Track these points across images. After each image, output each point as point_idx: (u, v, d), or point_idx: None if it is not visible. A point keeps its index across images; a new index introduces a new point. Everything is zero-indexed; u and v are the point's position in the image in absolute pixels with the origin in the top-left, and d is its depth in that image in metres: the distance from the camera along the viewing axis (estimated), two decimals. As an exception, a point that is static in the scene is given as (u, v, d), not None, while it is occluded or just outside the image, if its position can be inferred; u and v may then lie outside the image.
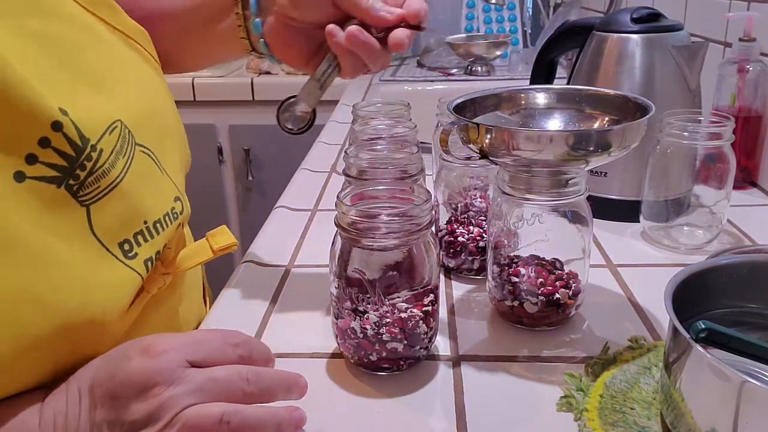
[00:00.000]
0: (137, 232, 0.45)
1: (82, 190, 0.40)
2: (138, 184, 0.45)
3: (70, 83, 0.42)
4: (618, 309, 0.59)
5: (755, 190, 0.87)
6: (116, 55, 0.50)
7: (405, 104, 0.72)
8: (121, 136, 0.44)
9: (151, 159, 0.47)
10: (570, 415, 0.45)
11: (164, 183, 0.49)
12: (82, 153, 0.40)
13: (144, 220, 0.46)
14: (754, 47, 0.84)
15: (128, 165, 0.44)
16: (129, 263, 0.44)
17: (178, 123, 0.56)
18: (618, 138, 0.49)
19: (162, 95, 0.54)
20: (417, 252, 0.48)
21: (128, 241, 0.44)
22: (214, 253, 0.54)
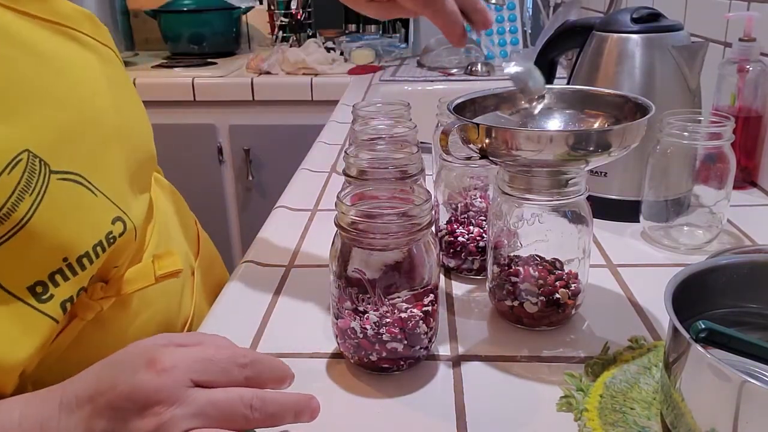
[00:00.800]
0: (54, 272, 0.41)
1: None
2: (54, 220, 0.40)
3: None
4: (618, 309, 0.59)
5: (755, 190, 0.87)
6: (38, 62, 0.42)
7: (405, 104, 0.72)
8: (27, 170, 0.38)
9: (77, 184, 0.42)
10: (570, 415, 0.45)
11: (97, 208, 0.44)
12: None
13: (64, 257, 0.41)
14: (754, 47, 0.84)
15: (38, 201, 0.39)
16: (41, 307, 0.40)
17: (128, 120, 0.49)
18: (618, 138, 0.49)
19: (102, 95, 0.46)
20: (417, 252, 0.48)
21: (42, 283, 0.40)
22: (155, 279, 0.50)
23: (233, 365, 0.39)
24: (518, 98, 0.60)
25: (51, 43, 0.44)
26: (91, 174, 0.43)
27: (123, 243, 0.46)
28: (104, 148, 0.45)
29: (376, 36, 2.12)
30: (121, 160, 0.47)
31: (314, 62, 1.80)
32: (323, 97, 1.73)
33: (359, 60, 1.90)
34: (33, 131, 0.39)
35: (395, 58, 1.96)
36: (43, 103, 0.41)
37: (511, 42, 1.84)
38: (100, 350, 0.43)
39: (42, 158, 0.39)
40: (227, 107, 1.79)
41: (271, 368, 0.41)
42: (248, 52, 2.18)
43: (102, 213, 0.44)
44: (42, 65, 0.42)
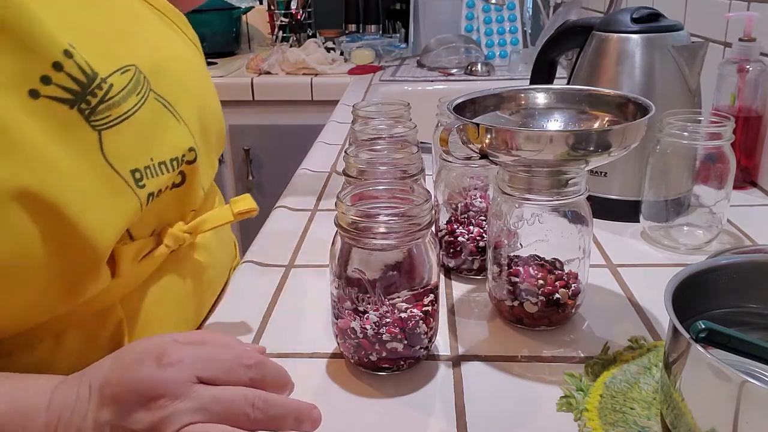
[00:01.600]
0: (146, 166, 0.47)
1: (94, 115, 0.43)
2: (149, 123, 0.47)
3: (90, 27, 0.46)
4: (618, 309, 0.59)
5: (755, 190, 0.87)
6: (144, 21, 0.54)
7: (405, 104, 0.72)
8: (135, 78, 0.47)
9: (166, 109, 0.50)
10: (570, 415, 0.45)
11: (178, 131, 0.51)
12: (92, 83, 0.43)
13: (150, 157, 0.48)
14: (754, 47, 0.84)
15: (141, 104, 0.47)
16: (137, 191, 0.46)
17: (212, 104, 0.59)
18: (618, 138, 0.49)
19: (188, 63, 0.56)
20: (417, 252, 0.48)
21: (139, 171, 0.46)
22: (234, 216, 0.55)
23: (238, 365, 0.40)
24: (518, 98, 0.60)
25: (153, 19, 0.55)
26: (176, 106, 0.51)
27: (191, 173, 0.52)
28: (185, 94, 0.53)
29: (376, 36, 2.12)
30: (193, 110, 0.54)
31: (314, 62, 1.80)
32: (323, 97, 1.73)
33: (359, 60, 1.90)
34: (139, 56, 0.48)
35: (395, 58, 1.96)
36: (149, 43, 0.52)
37: (511, 42, 1.85)
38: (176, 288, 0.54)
39: (146, 76, 0.48)
40: (227, 107, 1.78)
41: (276, 372, 0.42)
42: (248, 52, 2.18)
43: (181, 137, 0.51)
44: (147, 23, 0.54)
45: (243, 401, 0.38)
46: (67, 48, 0.42)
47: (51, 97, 0.41)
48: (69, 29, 0.43)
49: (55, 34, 0.41)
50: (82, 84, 0.42)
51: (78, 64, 0.42)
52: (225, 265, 0.68)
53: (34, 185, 0.39)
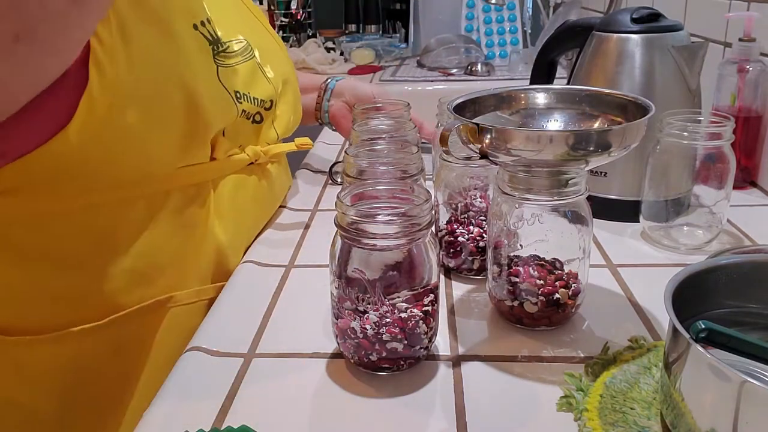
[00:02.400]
0: (244, 93, 0.69)
1: (217, 57, 0.64)
2: (246, 74, 0.69)
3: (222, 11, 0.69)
4: (618, 309, 0.59)
5: (755, 190, 0.87)
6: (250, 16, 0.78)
7: (405, 104, 0.72)
8: (244, 47, 0.70)
9: (259, 70, 0.73)
10: (570, 415, 0.45)
11: (266, 85, 0.73)
12: (219, 40, 0.65)
13: (248, 91, 0.69)
14: (754, 47, 0.84)
15: (244, 62, 0.69)
16: (236, 104, 0.67)
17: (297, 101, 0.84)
18: (618, 138, 0.49)
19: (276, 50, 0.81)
20: (417, 252, 0.48)
21: (239, 92, 0.67)
22: (296, 146, 0.78)
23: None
24: (518, 98, 0.60)
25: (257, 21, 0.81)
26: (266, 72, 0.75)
27: (267, 117, 0.75)
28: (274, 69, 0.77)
29: (376, 36, 2.12)
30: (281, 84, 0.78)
31: (314, 62, 1.80)
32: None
33: (359, 60, 1.90)
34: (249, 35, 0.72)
35: (395, 58, 1.96)
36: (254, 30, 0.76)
37: (511, 42, 1.85)
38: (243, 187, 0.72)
39: (253, 49, 0.72)
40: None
41: None
42: (248, 52, 2.18)
43: (266, 89, 0.73)
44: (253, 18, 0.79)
45: None
46: (207, 17, 0.63)
47: (202, 33, 0.62)
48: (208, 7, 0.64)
49: (203, 4, 0.63)
50: (213, 38, 0.63)
51: (210, 29, 0.63)
52: (285, 183, 0.87)
53: (189, 78, 0.58)
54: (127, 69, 0.53)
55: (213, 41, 0.63)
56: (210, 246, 0.67)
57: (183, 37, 0.59)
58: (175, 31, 0.58)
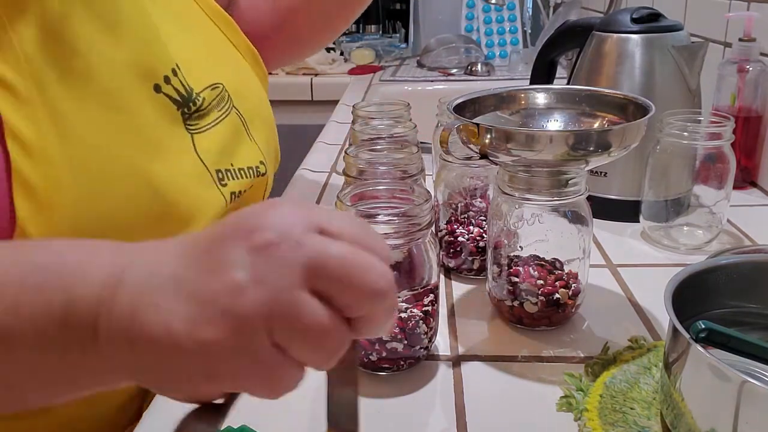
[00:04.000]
0: (227, 169, 0.55)
1: (190, 120, 0.51)
2: (228, 134, 0.56)
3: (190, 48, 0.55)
4: (618, 309, 0.59)
5: (755, 190, 0.87)
6: (228, 49, 0.64)
7: (405, 104, 0.72)
8: (220, 95, 0.56)
9: (242, 125, 0.59)
10: (570, 415, 0.45)
11: (251, 146, 0.60)
12: (190, 97, 0.52)
13: (231, 162, 0.55)
14: (754, 47, 0.84)
15: (223, 117, 0.55)
16: (221, 189, 0.53)
17: (272, 126, 0.67)
18: (618, 138, 0.49)
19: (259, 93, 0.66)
20: (417, 252, 0.48)
21: (221, 172, 0.53)
22: None
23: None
24: (518, 98, 0.60)
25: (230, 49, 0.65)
26: (249, 125, 0.60)
27: (263, 181, 0.60)
28: (256, 117, 0.62)
29: (376, 36, 2.12)
30: (262, 132, 0.62)
31: (314, 62, 1.80)
32: (323, 97, 1.73)
33: (359, 60, 1.90)
34: (225, 76, 0.57)
35: (395, 58, 1.96)
36: (234, 70, 0.61)
37: (511, 42, 1.84)
38: None
39: (230, 94, 0.57)
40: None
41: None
42: (248, 52, 2.18)
43: (252, 151, 0.59)
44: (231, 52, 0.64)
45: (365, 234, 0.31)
46: (174, 67, 0.50)
47: (167, 95, 0.49)
48: (175, 48, 0.52)
49: (168, 51, 0.50)
50: (183, 96, 0.51)
51: (181, 81, 0.51)
52: None
53: (146, 164, 0.45)
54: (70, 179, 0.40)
55: (183, 101, 0.50)
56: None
57: (144, 111, 0.46)
58: (132, 105, 0.45)
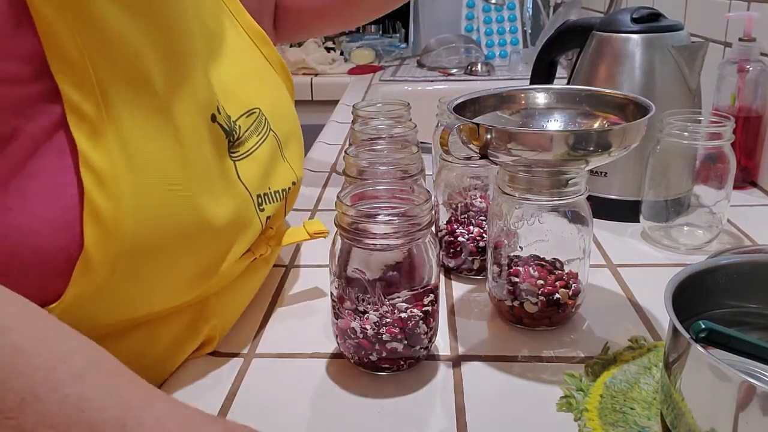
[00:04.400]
0: (266, 194, 0.55)
1: (233, 149, 0.51)
2: (267, 158, 0.56)
3: (225, 71, 0.54)
4: (618, 309, 0.59)
5: (755, 190, 0.87)
6: (264, 69, 0.63)
7: (405, 104, 0.72)
8: (257, 120, 0.55)
9: (278, 146, 0.59)
10: (570, 415, 0.45)
11: (285, 168, 0.60)
12: (232, 128, 0.52)
13: (269, 186, 0.56)
14: (754, 47, 0.84)
15: (261, 142, 0.55)
16: (259, 214, 0.54)
17: (300, 136, 0.66)
18: (618, 138, 0.49)
19: (291, 111, 0.66)
20: (417, 252, 0.48)
21: (260, 197, 0.54)
22: (309, 236, 0.62)
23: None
24: (518, 98, 0.60)
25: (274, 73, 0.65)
26: (284, 147, 0.60)
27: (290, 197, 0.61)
28: (290, 137, 0.62)
29: (376, 36, 2.12)
30: (297, 154, 0.63)
31: (314, 62, 1.80)
32: (323, 97, 1.73)
33: (359, 60, 1.90)
34: (262, 100, 0.57)
35: (395, 58, 1.96)
36: (268, 89, 0.60)
37: (511, 42, 1.85)
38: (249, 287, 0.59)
39: (267, 118, 0.57)
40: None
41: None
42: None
43: (286, 172, 0.59)
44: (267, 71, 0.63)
45: None
46: (218, 101, 0.50)
47: (220, 124, 0.50)
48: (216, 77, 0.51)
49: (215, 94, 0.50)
50: (229, 125, 0.51)
51: (225, 113, 0.51)
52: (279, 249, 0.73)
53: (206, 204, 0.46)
54: (133, 207, 0.41)
55: (229, 130, 0.51)
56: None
57: (197, 141, 0.46)
58: (188, 134, 0.45)
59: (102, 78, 0.40)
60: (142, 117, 0.42)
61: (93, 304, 0.42)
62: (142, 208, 0.42)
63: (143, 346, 0.49)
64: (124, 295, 0.44)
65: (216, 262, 0.49)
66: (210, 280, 0.50)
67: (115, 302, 0.44)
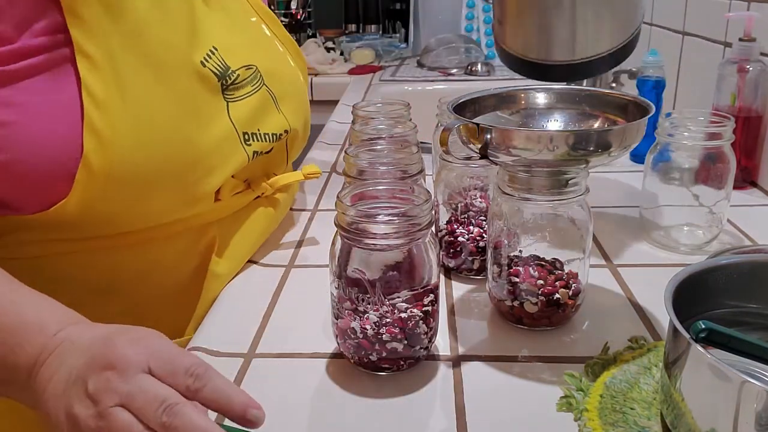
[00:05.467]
0: (253, 132, 0.65)
1: (227, 91, 0.61)
2: (258, 105, 0.65)
3: (228, 36, 0.64)
4: (618, 309, 0.59)
5: (755, 190, 0.87)
6: (267, 39, 0.73)
7: (405, 104, 0.72)
8: (253, 74, 0.66)
9: (271, 99, 0.68)
10: (570, 415, 0.45)
11: (279, 117, 0.69)
12: (227, 72, 0.62)
13: (258, 128, 0.65)
14: (754, 47, 0.84)
15: (255, 91, 0.65)
16: (245, 147, 0.63)
17: (305, 106, 0.76)
18: (618, 138, 0.49)
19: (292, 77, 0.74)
20: (417, 252, 0.48)
21: (247, 134, 0.64)
22: (303, 176, 0.72)
23: (186, 372, 0.40)
24: (518, 98, 0.60)
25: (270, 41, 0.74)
26: (279, 101, 0.69)
27: (278, 148, 0.69)
28: (287, 94, 0.71)
29: (376, 36, 2.12)
30: (294, 112, 0.72)
31: (314, 62, 1.80)
32: (323, 97, 1.73)
33: (359, 60, 1.90)
34: (260, 60, 0.67)
35: (395, 58, 1.96)
36: (268, 56, 0.70)
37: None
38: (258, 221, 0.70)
39: (262, 74, 0.67)
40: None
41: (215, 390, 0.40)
42: (248, 52, 2.17)
43: (279, 121, 0.69)
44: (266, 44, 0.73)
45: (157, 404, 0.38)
46: (212, 48, 0.61)
47: (211, 69, 0.59)
48: (216, 34, 0.62)
49: (208, 35, 0.61)
50: (222, 70, 0.61)
51: (219, 58, 0.61)
52: (288, 204, 0.81)
53: (194, 132, 0.57)
54: (126, 129, 0.52)
55: (221, 74, 0.61)
56: (206, 281, 0.64)
57: (188, 80, 0.57)
58: (179, 75, 0.56)
59: (105, 30, 0.52)
60: (135, 60, 0.53)
61: (98, 205, 0.53)
62: (133, 129, 0.52)
63: (156, 256, 0.60)
64: (122, 204, 0.54)
65: (200, 179, 0.58)
66: (198, 198, 0.59)
67: (115, 208, 0.54)
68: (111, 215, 0.55)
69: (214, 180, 0.60)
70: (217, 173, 0.60)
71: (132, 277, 0.60)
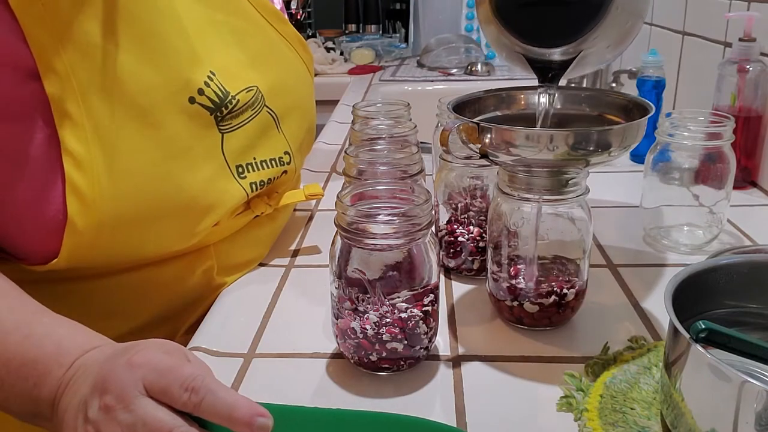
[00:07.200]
0: (248, 163, 0.62)
1: (222, 122, 0.58)
2: (256, 131, 0.62)
3: (229, 56, 0.61)
4: (618, 309, 0.59)
5: (755, 190, 0.87)
6: (273, 44, 0.68)
7: (405, 104, 0.72)
8: (254, 96, 0.62)
9: (272, 119, 0.65)
10: (570, 415, 0.45)
11: (278, 138, 0.66)
12: (225, 99, 0.58)
13: (254, 156, 0.62)
14: (754, 47, 0.84)
15: (254, 116, 0.62)
16: (239, 181, 0.60)
17: (309, 107, 0.73)
18: (618, 138, 0.49)
19: (303, 85, 0.72)
20: (417, 252, 0.48)
21: (241, 166, 0.61)
22: (305, 197, 0.69)
23: (182, 388, 0.39)
24: (518, 98, 0.60)
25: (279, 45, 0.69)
26: (280, 119, 0.66)
27: (286, 168, 0.66)
28: (292, 110, 0.68)
29: (376, 36, 2.12)
30: (296, 123, 0.69)
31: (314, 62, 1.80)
32: (323, 97, 1.72)
33: (359, 60, 1.90)
34: (262, 78, 0.64)
35: (395, 58, 1.96)
36: (272, 69, 0.66)
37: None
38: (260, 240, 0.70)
39: (263, 94, 0.63)
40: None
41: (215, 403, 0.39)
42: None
43: (279, 143, 0.66)
44: (274, 51, 0.68)
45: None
46: (209, 74, 0.57)
47: (201, 104, 0.56)
48: (214, 57, 0.59)
49: (203, 63, 0.57)
50: (220, 99, 0.58)
51: (217, 85, 0.58)
52: (288, 215, 0.79)
53: (182, 174, 0.54)
54: (110, 185, 0.50)
55: (217, 105, 0.57)
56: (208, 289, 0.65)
57: (176, 122, 0.54)
58: (164, 119, 0.53)
59: (81, 82, 0.49)
60: (117, 111, 0.51)
61: (91, 255, 0.53)
62: (117, 182, 0.51)
63: (155, 275, 0.59)
64: (116, 249, 0.54)
65: (196, 220, 0.57)
66: (192, 238, 0.58)
67: (109, 254, 0.54)
68: (107, 258, 0.55)
69: (210, 219, 0.58)
70: (214, 212, 0.58)
71: (131, 298, 0.60)
